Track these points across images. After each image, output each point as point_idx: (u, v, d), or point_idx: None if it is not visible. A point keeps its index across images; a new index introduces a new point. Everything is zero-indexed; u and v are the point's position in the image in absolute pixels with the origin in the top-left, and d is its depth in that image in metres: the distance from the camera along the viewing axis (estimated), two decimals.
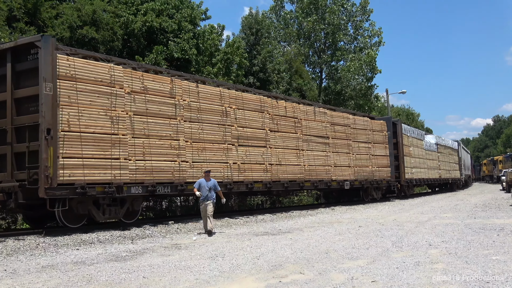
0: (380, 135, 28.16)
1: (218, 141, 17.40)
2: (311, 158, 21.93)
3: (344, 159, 24.31)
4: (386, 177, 28.02)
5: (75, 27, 22.05)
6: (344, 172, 24.13)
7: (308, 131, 22.10)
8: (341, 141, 24.36)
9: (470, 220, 14.66)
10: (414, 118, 72.59)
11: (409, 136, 32.65)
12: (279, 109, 20.65)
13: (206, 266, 8.10)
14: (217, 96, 17.73)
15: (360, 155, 25.67)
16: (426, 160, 36.41)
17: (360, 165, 25.47)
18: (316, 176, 22.12)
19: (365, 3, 45.57)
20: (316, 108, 23.09)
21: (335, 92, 43.50)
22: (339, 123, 24.50)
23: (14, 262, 8.92)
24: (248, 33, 32.92)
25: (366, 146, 26.42)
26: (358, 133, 25.89)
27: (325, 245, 10.26)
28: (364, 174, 25.82)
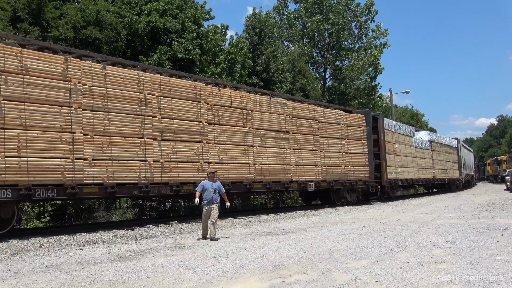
0: (357, 130, 25.19)
1: (133, 135, 14.55)
2: (264, 155, 19.20)
3: (309, 157, 21.54)
4: (363, 178, 25.09)
5: (79, 28, 22.10)
6: (308, 172, 21.39)
7: (261, 125, 19.30)
8: (306, 136, 21.55)
9: (474, 220, 14.62)
10: (418, 119, 72.41)
11: (395, 132, 29.83)
12: (221, 98, 17.75)
13: (210, 266, 8.10)
14: (133, 80, 14.84)
15: (330, 153, 22.89)
16: (417, 159, 33.64)
17: (329, 164, 22.68)
18: (270, 177, 19.34)
19: (370, 3, 45.50)
20: (272, 98, 20.21)
21: (339, 92, 43.45)
22: (303, 116, 21.60)
23: (18, 262, 8.94)
24: (251, 33, 32.91)
25: (338, 143, 23.59)
26: (329, 127, 23.02)
27: (328, 245, 10.25)
28: (335, 174, 23.03)
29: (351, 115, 25.18)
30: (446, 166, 40.82)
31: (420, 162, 34.12)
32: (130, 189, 14.25)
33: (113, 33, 23.33)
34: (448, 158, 42.07)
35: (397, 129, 30.38)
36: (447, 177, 40.85)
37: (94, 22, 22.60)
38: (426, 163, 35.57)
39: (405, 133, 31.98)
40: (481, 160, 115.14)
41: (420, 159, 34.25)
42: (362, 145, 25.45)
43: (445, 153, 40.99)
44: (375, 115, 28.18)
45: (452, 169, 42.97)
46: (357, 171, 24.69)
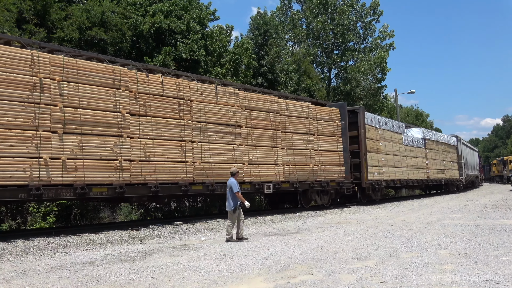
0: (330, 125, 22.67)
1: (22, 126, 12.10)
2: (207, 152, 16.64)
3: (267, 155, 19.08)
4: (337, 178, 22.54)
5: (84, 29, 22.15)
6: (266, 172, 18.89)
7: (204, 117, 16.77)
8: (263, 131, 19.05)
9: (479, 221, 14.58)
10: (423, 119, 72.26)
11: (379, 129, 27.13)
12: (150, 86, 15.16)
13: (215, 266, 8.11)
14: (23, 61, 12.34)
15: (295, 150, 20.39)
16: (407, 158, 30.86)
17: (294, 163, 20.13)
18: (215, 177, 16.80)
19: (375, 4, 45.44)
20: (219, 87, 17.65)
21: (345, 93, 43.41)
22: (261, 108, 19.12)
23: (24, 263, 8.97)
24: (256, 33, 32.92)
25: (305, 139, 21.03)
26: (293, 121, 20.48)
27: (333, 245, 10.24)
28: (301, 174, 20.53)
29: (322, 108, 22.67)
30: (443, 166, 38.13)
31: (411, 162, 31.59)
32: (15, 192, 11.95)
33: (118, 34, 23.38)
34: (446, 157, 39.40)
35: (383, 125, 27.84)
36: (444, 178, 38.18)
37: (99, 23, 22.66)
38: (419, 162, 33.00)
39: (393, 130, 29.41)
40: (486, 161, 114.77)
41: (412, 158, 31.73)
42: (336, 141, 23.01)
43: (442, 152, 38.43)
44: (355, 108, 25.69)
45: (450, 169, 40.20)
46: (330, 170, 22.27)
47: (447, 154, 39.58)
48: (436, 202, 26.48)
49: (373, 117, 26.91)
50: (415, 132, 33.99)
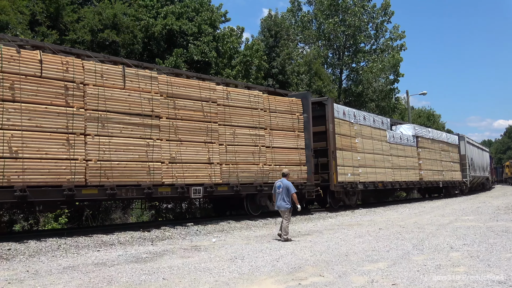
0: (288, 118, 19.41)
1: None
2: (108, 148, 13.36)
3: (198, 152, 15.76)
4: (297, 180, 19.13)
5: (96, 31, 22.32)
6: (195, 172, 15.59)
7: (104, 105, 13.44)
8: (193, 123, 15.79)
9: (492, 223, 14.47)
10: (435, 120, 71.88)
11: (355, 124, 23.87)
12: (21, 64, 12.04)
13: (226, 268, 8.11)
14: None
15: (238, 147, 17.14)
16: (393, 157, 27.25)
17: (235, 162, 16.89)
18: (121, 178, 13.55)
19: (387, 5, 45.31)
20: (129, 70, 14.42)
21: (356, 94, 43.32)
22: (190, 96, 15.83)
23: (36, 263, 9.03)
24: (267, 35, 32.94)
25: (252, 134, 17.76)
26: (237, 113, 17.26)
27: (345, 247, 10.21)
28: (246, 175, 17.31)
29: (278, 99, 19.36)
30: (440, 167, 34.16)
31: (399, 161, 27.95)
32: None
33: (130, 36, 23.52)
34: (445, 157, 35.49)
35: (360, 120, 24.55)
36: (443, 180, 34.25)
37: (111, 25, 22.82)
38: (409, 162, 29.30)
39: (374, 126, 25.97)
40: (499, 162, 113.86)
41: (399, 157, 28.10)
42: (296, 137, 19.63)
43: (440, 151, 34.53)
44: (322, 100, 22.30)
45: (451, 170, 36.30)
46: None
47: (446, 153, 35.96)
48: (447, 204, 26.29)
49: (347, 110, 23.65)
50: (405, 129, 30.81)
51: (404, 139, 29.19)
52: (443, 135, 36.63)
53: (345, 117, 23.02)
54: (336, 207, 22.51)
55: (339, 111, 22.49)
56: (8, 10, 18.94)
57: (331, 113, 21.60)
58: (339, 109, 22.48)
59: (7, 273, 8.04)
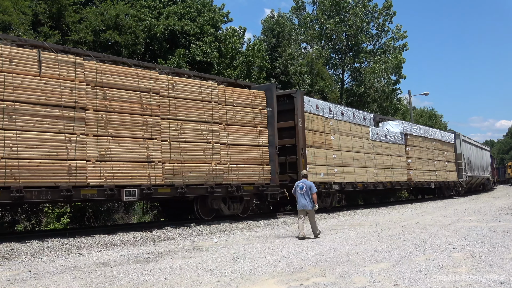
0: (248, 112, 17.55)
1: None
2: (15, 144, 11.61)
3: (135, 149, 13.91)
4: (259, 180, 17.43)
5: (98, 31, 22.35)
6: (130, 172, 13.69)
7: (12, 94, 11.73)
8: (128, 117, 13.87)
9: (494, 223, 14.45)
10: (436, 120, 71.76)
11: (330, 119, 21.83)
12: None
13: (228, 268, 8.11)
14: None
15: (186, 143, 15.21)
16: (376, 156, 25.29)
17: (182, 160, 14.99)
18: (31, 179, 11.79)
19: (388, 5, 45.27)
20: (45, 54, 12.53)
21: (358, 94, 43.29)
22: (125, 86, 13.93)
23: (38, 263, 9.04)
24: (269, 35, 32.94)
25: (204, 129, 15.83)
26: (184, 105, 15.34)
27: (347, 248, 10.20)
28: (196, 175, 15.41)
29: (237, 91, 17.45)
30: (433, 166, 32.21)
31: (383, 160, 25.97)
32: None
33: (132, 37, 23.55)
34: (438, 156, 33.57)
35: (337, 115, 22.50)
36: (435, 180, 32.26)
37: (113, 26, 22.84)
38: (396, 161, 27.30)
39: (354, 121, 23.97)
40: (501, 163, 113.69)
41: (384, 156, 26.11)
42: (258, 133, 17.79)
43: (433, 149, 32.61)
44: (290, 92, 20.30)
45: (444, 170, 34.38)
46: (246, 170, 17.15)
47: (439, 152, 34.00)
48: (449, 205, 26.25)
49: (321, 104, 21.65)
50: (392, 125, 28.75)
51: (391, 137, 27.28)
52: (437, 133, 34.50)
53: (319, 112, 21.07)
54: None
55: (311, 105, 20.62)
56: (11, 10, 18.98)
57: (301, 106, 19.72)
58: (311, 103, 20.65)
59: (9, 273, 8.05)
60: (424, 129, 32.18)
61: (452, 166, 36.11)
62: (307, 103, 20.27)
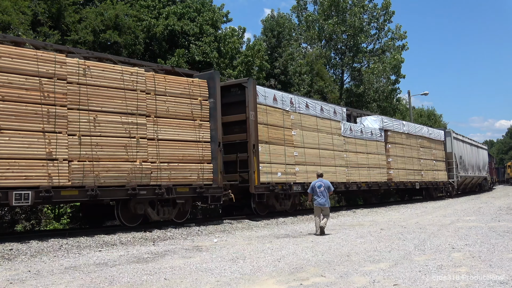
0: (185, 103, 15.39)
1: None
2: None
3: (31, 144, 11.77)
4: (197, 181, 15.29)
5: (98, 31, 22.34)
6: (24, 171, 11.57)
7: None
8: (24, 107, 11.76)
9: (494, 223, 14.46)
10: (436, 119, 71.80)
11: (291, 112, 19.70)
12: None
13: (227, 268, 8.12)
14: None
15: (101, 138, 13.03)
16: (348, 153, 23.10)
17: (96, 158, 12.77)
18: None
19: (387, 4, 45.28)
20: None
21: (357, 94, 43.31)
22: (18, 70, 11.79)
23: (38, 263, 9.04)
24: (269, 35, 32.94)
25: (126, 121, 13.70)
26: (100, 94, 13.14)
27: (346, 248, 10.21)
28: (114, 175, 13.19)
29: (170, 78, 15.26)
30: (418, 165, 29.96)
31: (358, 159, 23.78)
32: None
33: (132, 37, 23.54)
34: (425, 154, 31.33)
35: (300, 108, 20.31)
36: (421, 180, 29.97)
37: (113, 26, 22.84)
38: (374, 160, 25.14)
39: (321, 116, 21.65)
40: (501, 163, 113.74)
41: (358, 154, 23.92)
42: (198, 128, 15.65)
43: (418, 147, 30.38)
44: (241, 82, 18.25)
45: (432, 170, 32.15)
46: (181, 170, 14.95)
47: (427, 150, 31.74)
48: (449, 205, 26.26)
49: (280, 95, 19.44)
50: (370, 121, 26.54)
51: (367, 133, 25.13)
52: (423, 130, 32.21)
53: (277, 104, 18.95)
54: (263, 213, 18.61)
55: (267, 96, 18.57)
56: (10, 10, 18.97)
57: (253, 98, 17.61)
58: (267, 94, 18.59)
59: (9, 273, 8.05)
60: (408, 125, 30.05)
61: (442, 165, 34.09)
62: (262, 94, 18.26)
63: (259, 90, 18.12)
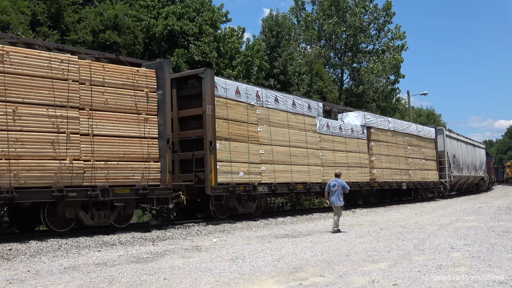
0: (127, 95, 13.79)
1: None
2: None
3: None
4: (141, 181, 13.77)
5: (97, 31, 22.33)
6: None
7: None
8: None
9: (493, 223, 14.47)
10: (435, 119, 71.84)
11: (257, 106, 18.05)
12: None
13: (227, 268, 8.12)
14: None
15: (21, 134, 11.60)
16: (326, 152, 21.42)
17: (13, 155, 11.32)
18: None
19: (388, 5, 45.31)
20: None
21: (357, 94, 43.33)
22: None
23: (37, 263, 9.03)
24: (268, 35, 32.94)
25: (54, 115, 12.16)
26: (21, 84, 11.64)
27: (346, 247, 10.21)
28: (36, 174, 11.71)
29: (110, 67, 13.66)
30: (406, 164, 28.15)
31: (335, 157, 22.02)
32: None
33: (131, 37, 23.53)
34: (413, 153, 29.51)
35: (267, 102, 18.65)
36: (408, 180, 28.15)
37: (112, 26, 22.82)
38: (354, 158, 23.40)
39: (294, 111, 20.00)
40: (500, 163, 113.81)
41: (336, 152, 22.16)
42: (142, 122, 14.03)
43: (405, 145, 28.60)
44: (197, 72, 16.66)
45: (422, 169, 30.28)
46: (122, 169, 13.43)
47: (416, 149, 30.02)
48: (448, 205, 26.28)
49: (244, 88, 17.79)
50: (352, 117, 24.89)
51: (347, 130, 23.38)
52: (412, 127, 30.33)
53: (240, 97, 17.37)
54: (223, 216, 16.86)
55: (229, 88, 16.96)
56: (9, 10, 18.96)
57: (210, 90, 16.01)
58: (228, 86, 16.99)
59: (8, 273, 8.05)
60: (394, 122, 28.24)
61: (432, 165, 32.19)
62: (222, 86, 16.69)
63: (219, 81, 16.60)
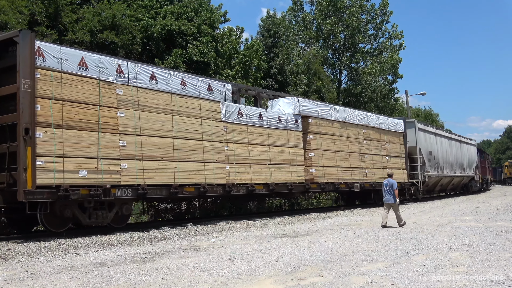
0: None
1: None
2: None
3: None
4: None
5: (95, 31, 22.31)
6: None
7: None
8: None
9: (491, 223, 14.48)
10: (433, 119, 71.88)
11: (119, 84, 13.79)
12: None
13: (225, 268, 8.11)
14: None
15: None
16: (237, 146, 17.15)
17: None
18: None
19: (385, 5, 45.37)
20: None
21: (355, 94, 43.37)
22: None
23: (35, 263, 9.02)
24: (266, 35, 32.94)
25: None
26: None
27: (344, 247, 10.21)
28: None
29: None
30: (360, 162, 23.49)
31: (251, 153, 17.69)
32: None
33: (129, 37, 23.51)
34: (372, 149, 24.67)
35: (137, 79, 14.33)
36: (364, 181, 23.55)
37: (110, 26, 22.81)
38: (282, 155, 19.04)
39: (180, 92, 15.52)
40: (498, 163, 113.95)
41: (252, 146, 17.78)
42: None
43: (361, 139, 23.93)
44: (11, 35, 12.20)
45: (384, 168, 24.96)
46: None
47: (376, 144, 25.17)
48: (446, 205, 26.29)
49: (97, 59, 13.38)
50: (283, 104, 20.17)
51: (272, 119, 18.93)
52: (370, 118, 25.22)
53: (87, 71, 13.05)
54: (60, 230, 12.70)
55: (67, 59, 12.63)
56: (7, 10, 18.93)
57: (29, 59, 11.77)
58: (66, 56, 12.64)
59: (6, 273, 8.03)
60: (345, 111, 23.29)
61: (400, 162, 27.24)
62: (54, 55, 12.41)
63: (47, 48, 12.35)
